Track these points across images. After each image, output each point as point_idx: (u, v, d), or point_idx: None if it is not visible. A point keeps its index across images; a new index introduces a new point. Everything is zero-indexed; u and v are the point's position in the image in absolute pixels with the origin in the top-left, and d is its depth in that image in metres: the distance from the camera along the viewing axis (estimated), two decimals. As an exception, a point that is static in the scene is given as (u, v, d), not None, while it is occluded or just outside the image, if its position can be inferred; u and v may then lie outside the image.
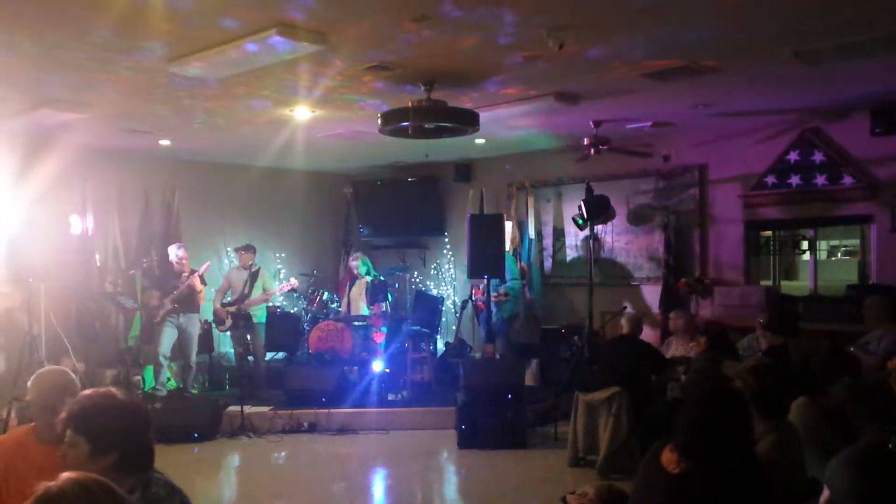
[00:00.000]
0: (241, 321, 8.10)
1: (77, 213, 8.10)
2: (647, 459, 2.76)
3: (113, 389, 2.45)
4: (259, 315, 8.38)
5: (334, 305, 8.92)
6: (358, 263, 8.82)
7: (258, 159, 9.13)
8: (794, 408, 3.49)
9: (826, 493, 1.68)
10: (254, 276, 8.37)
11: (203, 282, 7.89)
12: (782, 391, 3.19)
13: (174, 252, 7.84)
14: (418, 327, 8.50)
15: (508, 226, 8.80)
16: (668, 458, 2.61)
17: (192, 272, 7.80)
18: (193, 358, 7.94)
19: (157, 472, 2.29)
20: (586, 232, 7.90)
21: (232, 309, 8.23)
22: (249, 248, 8.45)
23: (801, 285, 9.16)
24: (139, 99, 5.97)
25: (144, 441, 2.24)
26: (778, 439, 3.11)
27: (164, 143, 8.03)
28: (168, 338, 7.76)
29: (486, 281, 7.92)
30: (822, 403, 3.57)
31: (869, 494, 1.56)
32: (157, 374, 7.77)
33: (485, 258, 7.64)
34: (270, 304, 8.61)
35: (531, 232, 9.20)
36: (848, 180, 6.88)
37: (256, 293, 8.33)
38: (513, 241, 8.99)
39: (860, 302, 6.01)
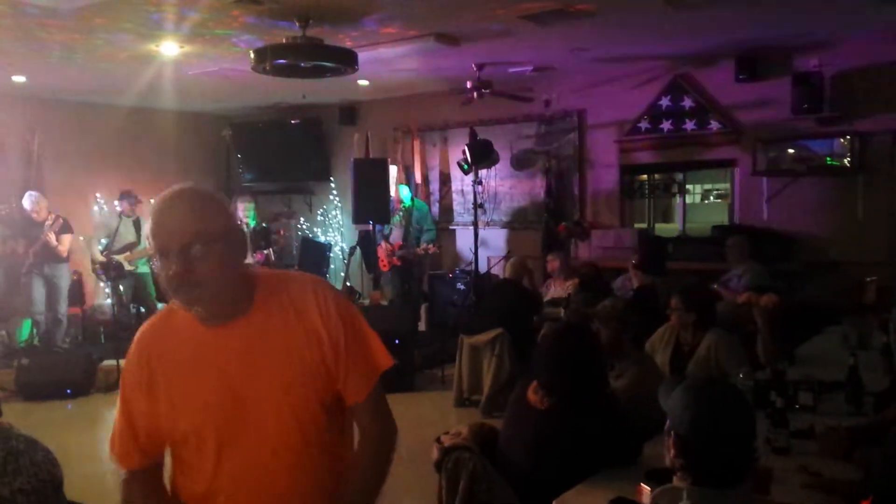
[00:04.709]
0: (113, 272, 7.67)
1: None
2: (515, 397, 2.83)
3: None
4: (142, 266, 7.90)
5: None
6: (245, 208, 8.40)
7: (125, 98, 8.51)
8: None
9: (669, 421, 1.77)
10: (137, 225, 7.88)
11: (69, 229, 7.43)
12: (641, 328, 3.34)
13: (27, 202, 7.31)
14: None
15: (393, 170, 8.71)
16: (534, 394, 2.68)
17: (57, 218, 7.34)
18: (63, 310, 7.52)
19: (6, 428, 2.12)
20: (472, 176, 7.93)
21: (103, 259, 7.77)
22: (131, 196, 7.93)
23: (674, 227, 9.59)
24: (-18, 30, 5.44)
25: None
26: (638, 373, 3.27)
27: (19, 79, 7.39)
28: (38, 290, 7.33)
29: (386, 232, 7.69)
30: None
31: (699, 420, 1.65)
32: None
33: (370, 203, 7.56)
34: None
35: (417, 177, 9.15)
36: (714, 125, 7.20)
37: (144, 243, 7.85)
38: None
39: (724, 241, 6.38)
